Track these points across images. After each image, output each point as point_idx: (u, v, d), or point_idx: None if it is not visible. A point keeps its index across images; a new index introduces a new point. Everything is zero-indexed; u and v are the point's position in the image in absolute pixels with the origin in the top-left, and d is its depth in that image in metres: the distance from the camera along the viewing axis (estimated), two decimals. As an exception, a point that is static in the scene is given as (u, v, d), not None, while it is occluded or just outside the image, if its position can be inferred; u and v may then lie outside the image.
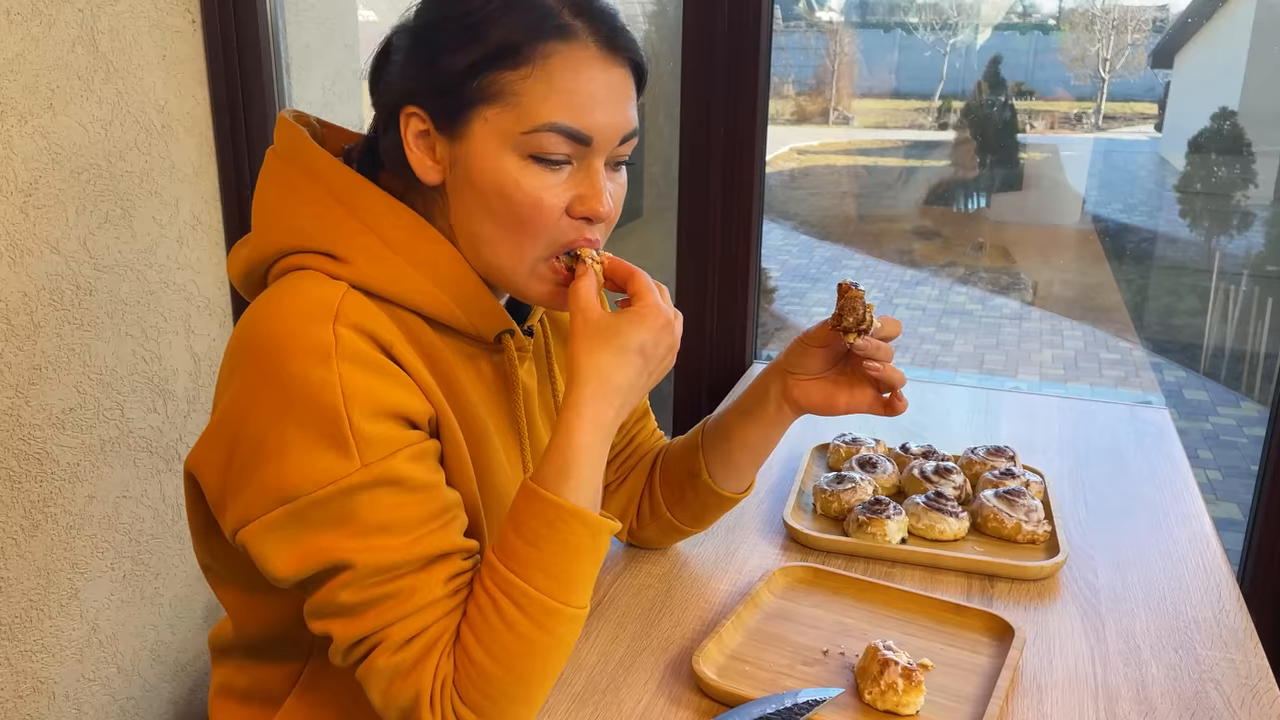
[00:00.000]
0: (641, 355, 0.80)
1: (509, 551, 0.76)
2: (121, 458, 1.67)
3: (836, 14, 7.22)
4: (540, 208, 0.80)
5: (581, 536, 0.77)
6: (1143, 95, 6.28)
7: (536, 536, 0.76)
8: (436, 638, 0.76)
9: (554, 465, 0.78)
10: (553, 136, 0.78)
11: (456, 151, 0.81)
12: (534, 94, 0.78)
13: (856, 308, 0.94)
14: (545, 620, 0.75)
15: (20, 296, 1.45)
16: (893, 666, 0.85)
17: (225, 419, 0.78)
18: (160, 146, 1.67)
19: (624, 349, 0.80)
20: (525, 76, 0.78)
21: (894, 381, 0.97)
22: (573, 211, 0.81)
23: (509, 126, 0.78)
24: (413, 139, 0.82)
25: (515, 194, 0.79)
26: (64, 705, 1.62)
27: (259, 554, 0.76)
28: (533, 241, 0.82)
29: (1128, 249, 5.68)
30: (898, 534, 1.14)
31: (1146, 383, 4.66)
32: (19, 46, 1.41)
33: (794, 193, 7.12)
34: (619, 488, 1.12)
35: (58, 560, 1.57)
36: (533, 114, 0.78)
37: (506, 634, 0.75)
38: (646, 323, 0.80)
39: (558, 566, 0.76)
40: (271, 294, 0.79)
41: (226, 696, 0.98)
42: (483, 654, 0.75)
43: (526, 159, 0.79)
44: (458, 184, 0.82)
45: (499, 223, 0.81)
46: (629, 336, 0.80)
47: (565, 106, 0.78)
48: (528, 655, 0.76)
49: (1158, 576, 1.10)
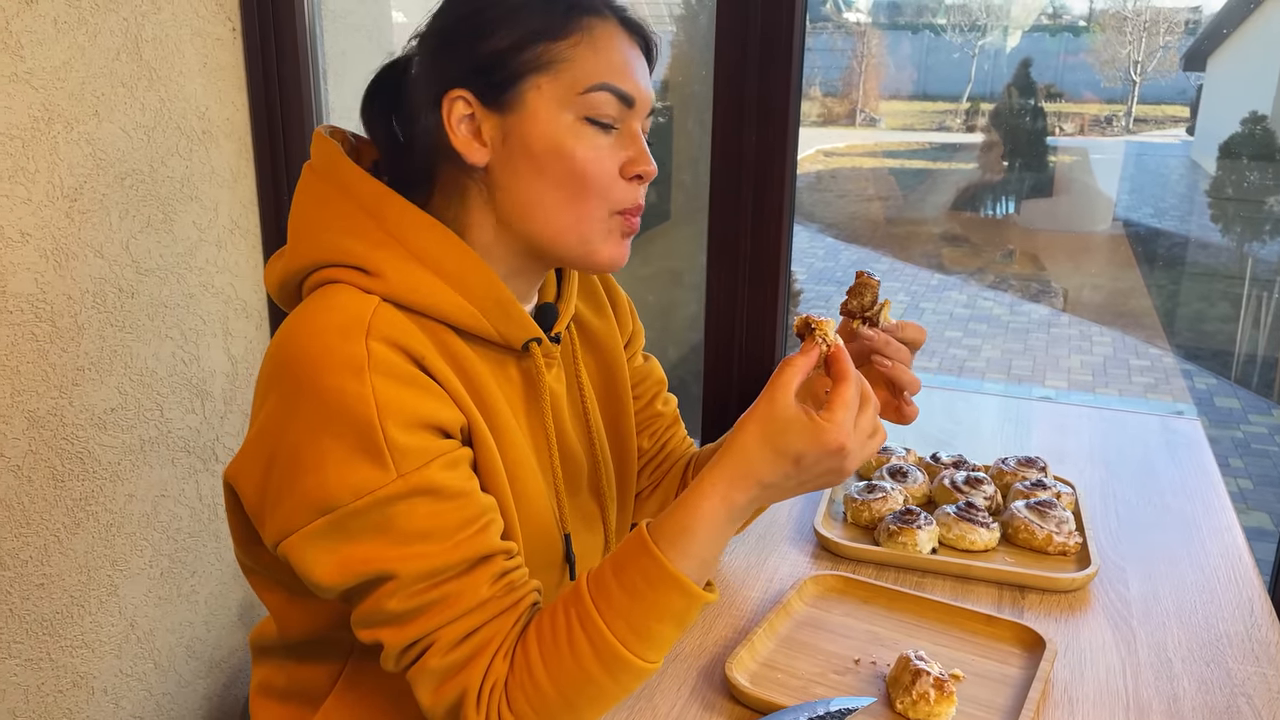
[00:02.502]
0: (797, 466, 0.78)
1: (601, 589, 0.78)
2: (160, 457, 1.70)
3: (864, 15, 7.20)
4: (598, 167, 0.84)
5: (675, 601, 0.77)
6: (1174, 98, 6.22)
7: (633, 586, 0.77)
8: (488, 639, 0.78)
9: (671, 524, 0.79)
10: (604, 96, 0.83)
11: (508, 124, 0.84)
12: (584, 59, 0.83)
13: (864, 293, 0.95)
14: (613, 665, 0.77)
15: (65, 299, 1.48)
16: (925, 676, 0.86)
17: (262, 433, 0.80)
18: (200, 152, 1.70)
19: (782, 453, 0.78)
20: (575, 44, 0.83)
21: (903, 382, 0.95)
22: (625, 172, 0.86)
23: (563, 90, 0.83)
24: (456, 123, 0.85)
25: (575, 153, 0.83)
26: (102, 700, 1.66)
27: (301, 565, 0.78)
28: (591, 203, 0.85)
29: (1159, 254, 5.63)
30: (928, 544, 1.14)
31: (1176, 390, 4.62)
32: (65, 55, 1.44)
33: (820, 195, 7.10)
34: (651, 494, 1.14)
35: (98, 558, 1.61)
36: (586, 76, 0.83)
37: (571, 662, 0.77)
38: (818, 440, 0.77)
39: (642, 621, 0.77)
40: (306, 309, 0.81)
41: (267, 695, 1.00)
42: (543, 671, 0.77)
43: (580, 121, 0.83)
44: (510, 157, 0.84)
45: (559, 186, 0.84)
46: (793, 443, 0.78)
47: (611, 70, 0.84)
48: (584, 689, 0.77)
49: (1189, 589, 1.10)
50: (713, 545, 0.79)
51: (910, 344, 0.96)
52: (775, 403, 0.79)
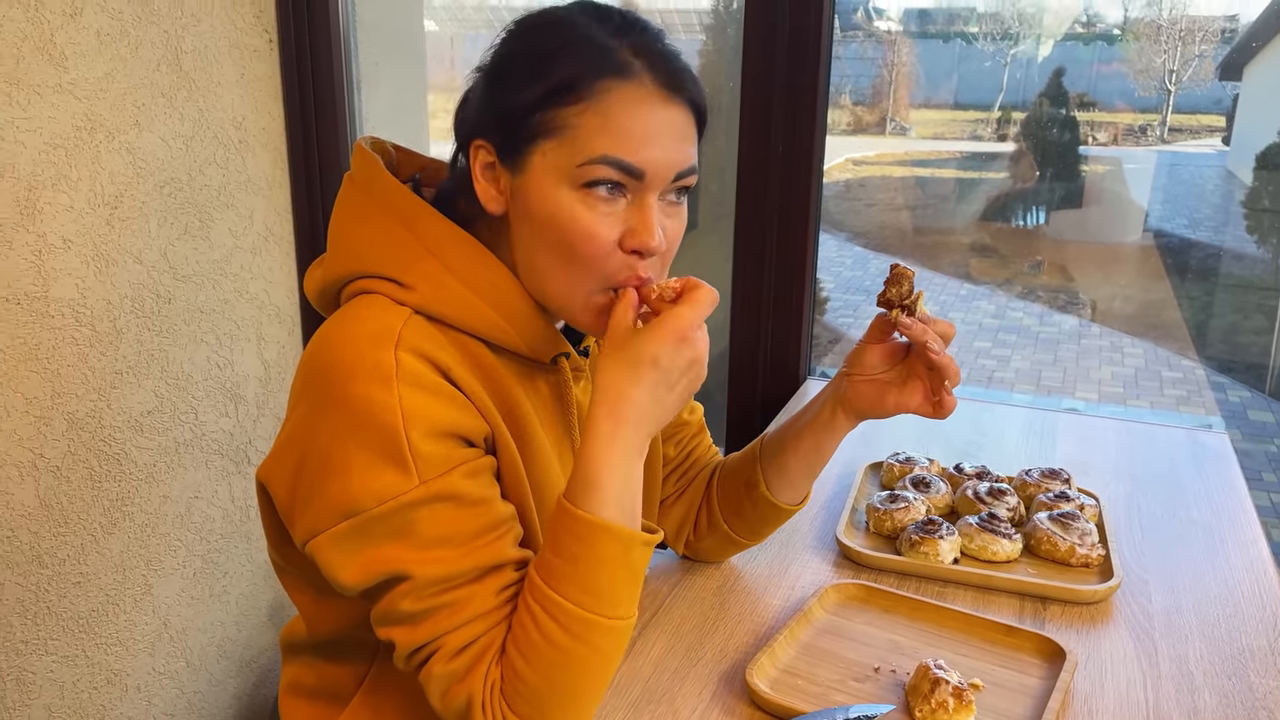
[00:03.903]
0: (655, 368, 0.79)
1: (544, 565, 0.79)
2: (194, 459, 1.73)
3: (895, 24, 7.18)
4: (592, 239, 0.82)
5: (610, 549, 0.78)
6: (1210, 108, 6.15)
7: (566, 550, 0.78)
8: (487, 646, 0.80)
9: (578, 480, 0.79)
10: (604, 169, 0.80)
11: (517, 184, 0.84)
12: (588, 128, 0.80)
13: (901, 283, 0.95)
14: (581, 632, 0.78)
15: (104, 304, 1.52)
16: (944, 685, 0.87)
17: (294, 436, 0.83)
18: (237, 161, 1.74)
19: (636, 363, 0.79)
20: (581, 111, 0.80)
21: (949, 371, 0.96)
22: (624, 245, 0.83)
23: (564, 160, 0.81)
24: (480, 170, 0.86)
25: (569, 225, 0.82)
26: (135, 697, 1.69)
27: (326, 565, 0.81)
28: (585, 273, 0.84)
29: (1191, 265, 5.56)
30: (950, 554, 1.15)
31: (1209, 403, 4.56)
32: (108, 66, 1.48)
33: (849, 203, 7.09)
34: (677, 500, 1.15)
35: (133, 557, 1.64)
36: (586, 147, 0.80)
37: (544, 645, 0.78)
38: (659, 334, 0.79)
39: (589, 579, 0.78)
40: (340, 317, 0.84)
41: (296, 694, 1.02)
42: (524, 665, 0.78)
43: (580, 190, 0.81)
44: (517, 216, 0.86)
45: (553, 254, 0.84)
46: (642, 349, 0.79)
47: (618, 141, 0.80)
48: (565, 666, 0.78)
49: (1213, 603, 1.10)
50: (625, 486, 0.79)
51: (942, 338, 0.97)
52: (614, 334, 0.81)
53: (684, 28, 3.45)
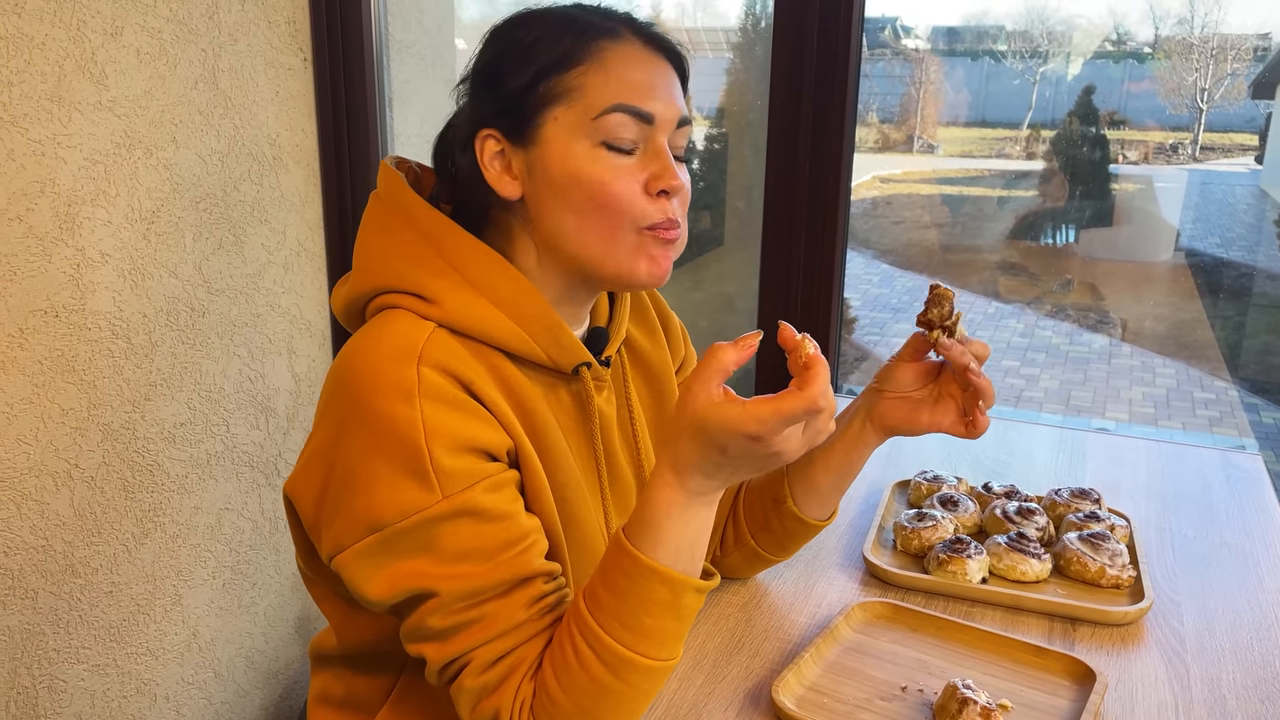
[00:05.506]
0: (723, 455, 0.74)
1: (592, 597, 0.79)
2: (225, 471, 1.75)
3: (923, 42, 7.17)
4: (617, 188, 0.85)
5: (659, 592, 0.77)
6: (1242, 126, 6.10)
7: (616, 585, 0.78)
8: (519, 661, 0.81)
9: (638, 518, 0.78)
10: (619, 117, 0.85)
11: (532, 157, 0.87)
12: (595, 84, 0.85)
13: (942, 303, 0.95)
14: (619, 668, 0.78)
15: (140, 317, 1.54)
16: (971, 706, 0.86)
17: (319, 451, 0.84)
18: (271, 177, 1.77)
19: (705, 443, 0.74)
20: (583, 72, 0.85)
21: (986, 392, 0.96)
22: (649, 189, 0.86)
23: (578, 117, 0.85)
24: (489, 160, 0.89)
25: (592, 178, 0.85)
26: (164, 707, 1.71)
27: (352, 580, 0.82)
28: (617, 223, 0.86)
29: (1224, 285, 5.50)
30: (978, 573, 1.14)
31: (1242, 424, 4.50)
32: (147, 84, 1.51)
33: (876, 221, 7.08)
34: (701, 516, 1.15)
35: (164, 568, 1.66)
36: (598, 100, 0.85)
37: (580, 674, 0.78)
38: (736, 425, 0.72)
39: (633, 618, 0.77)
40: (364, 333, 0.85)
41: (324, 704, 1.03)
42: (558, 688, 0.78)
43: (598, 146, 0.85)
44: (537, 189, 0.88)
45: (581, 212, 0.86)
46: (712, 432, 0.73)
47: (625, 90, 0.85)
48: (599, 698, 0.78)
49: (1246, 626, 1.08)
50: (685, 531, 0.77)
51: (977, 359, 0.97)
52: (695, 397, 0.74)
53: (712, 46, 3.47)
